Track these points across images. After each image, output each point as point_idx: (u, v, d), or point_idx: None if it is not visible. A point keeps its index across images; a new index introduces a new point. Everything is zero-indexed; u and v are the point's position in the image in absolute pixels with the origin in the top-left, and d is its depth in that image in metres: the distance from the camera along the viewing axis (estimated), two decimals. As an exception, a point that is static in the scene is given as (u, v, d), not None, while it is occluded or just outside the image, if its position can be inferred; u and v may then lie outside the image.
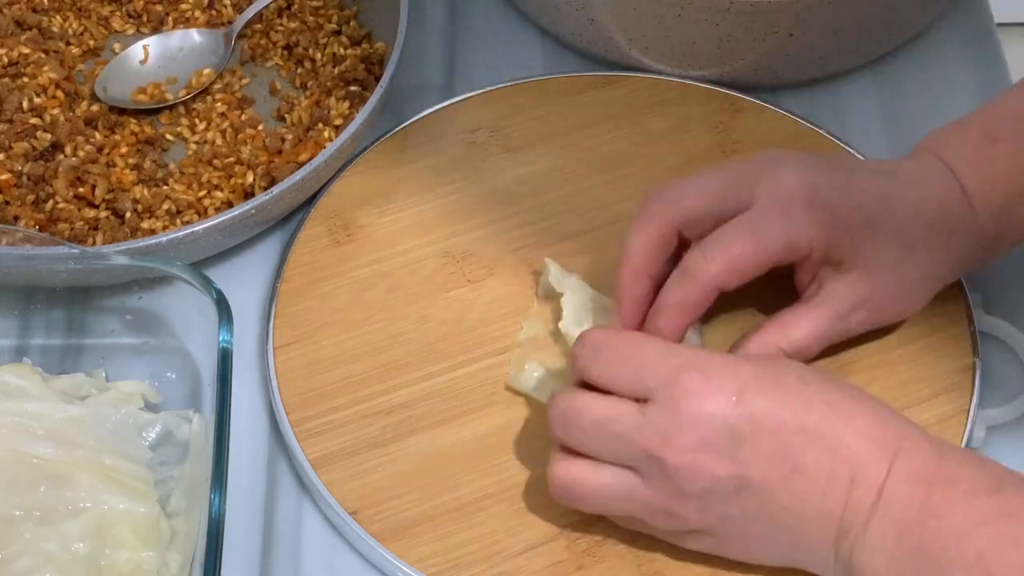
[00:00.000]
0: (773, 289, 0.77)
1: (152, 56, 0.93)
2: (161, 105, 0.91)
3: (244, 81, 0.92)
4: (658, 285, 0.75)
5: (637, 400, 0.67)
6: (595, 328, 0.73)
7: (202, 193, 0.85)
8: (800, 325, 0.75)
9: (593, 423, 0.68)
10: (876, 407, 0.68)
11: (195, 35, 0.94)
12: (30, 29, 0.93)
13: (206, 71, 0.92)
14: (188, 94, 0.91)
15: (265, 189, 0.83)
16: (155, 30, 0.96)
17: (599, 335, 0.71)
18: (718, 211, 0.74)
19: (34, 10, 0.95)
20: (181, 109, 0.91)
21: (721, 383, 0.67)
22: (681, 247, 0.76)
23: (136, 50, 0.93)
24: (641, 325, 0.75)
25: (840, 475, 0.65)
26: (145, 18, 0.96)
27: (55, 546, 0.68)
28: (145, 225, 0.84)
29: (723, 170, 0.76)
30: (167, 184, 0.86)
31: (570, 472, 0.69)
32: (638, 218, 0.75)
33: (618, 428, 0.67)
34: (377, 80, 0.87)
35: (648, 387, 0.67)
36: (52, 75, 0.90)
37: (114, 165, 0.86)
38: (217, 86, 0.92)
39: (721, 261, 0.73)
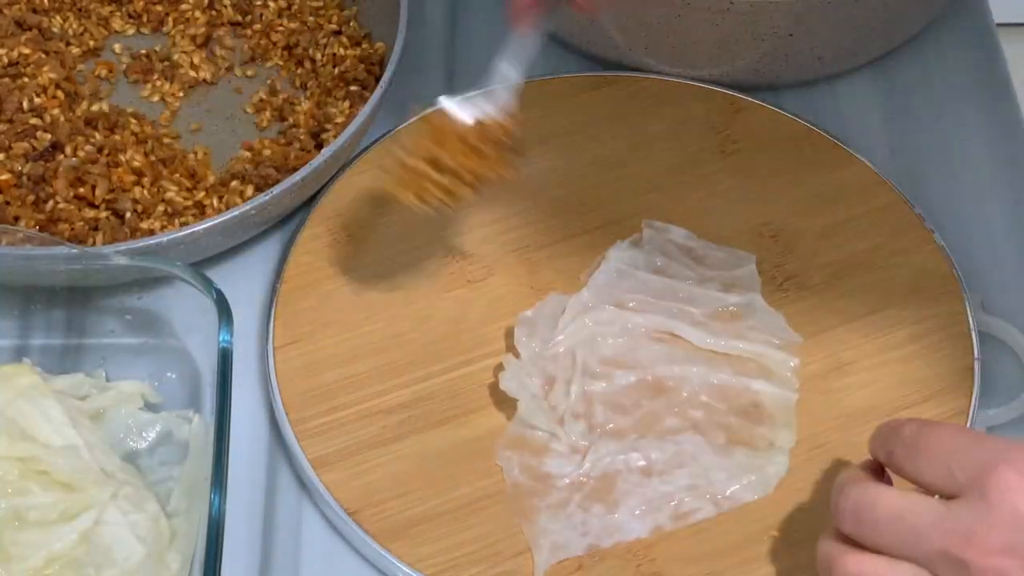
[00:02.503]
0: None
1: None
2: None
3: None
4: None
5: (942, 497, 0.62)
6: (905, 420, 0.66)
7: (201, 194, 0.86)
8: None
9: (889, 516, 0.62)
10: None
11: None
12: (30, 29, 0.93)
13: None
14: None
15: (263, 190, 0.83)
16: (155, 30, 0.96)
17: (911, 424, 0.65)
18: None
19: (34, 10, 0.95)
20: (166, 86, 0.93)
21: None
22: None
23: None
24: None
25: None
26: (145, 18, 0.96)
27: (54, 548, 0.68)
28: (145, 225, 0.84)
29: None
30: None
31: (862, 566, 0.63)
32: None
33: (917, 522, 0.61)
34: (377, 80, 0.87)
35: (957, 481, 0.61)
36: (52, 75, 0.90)
37: (116, 165, 0.86)
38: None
39: None
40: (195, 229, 0.79)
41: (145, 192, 0.85)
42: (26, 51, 0.91)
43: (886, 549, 0.62)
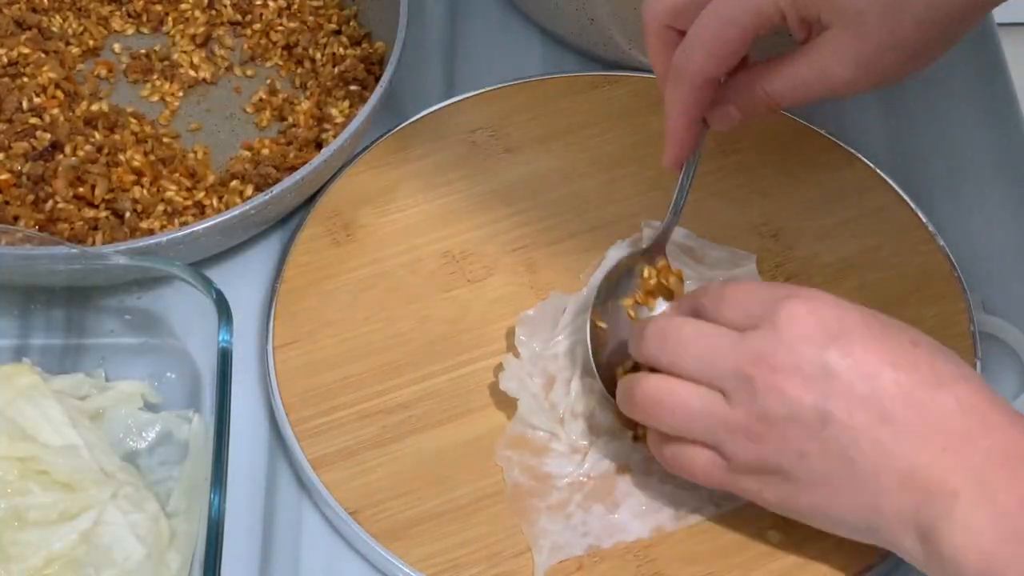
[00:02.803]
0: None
1: None
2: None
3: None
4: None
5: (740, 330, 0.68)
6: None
7: (201, 194, 0.86)
8: (782, 71, 0.74)
9: (692, 336, 0.68)
10: (984, 386, 0.66)
11: None
12: (30, 29, 0.93)
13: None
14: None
15: (263, 190, 0.83)
16: (155, 30, 0.96)
17: (712, 285, 0.72)
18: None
19: (34, 10, 0.95)
20: (166, 86, 0.93)
21: (826, 320, 0.66)
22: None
23: None
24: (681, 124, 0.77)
25: (932, 439, 0.64)
26: (145, 18, 0.96)
27: (54, 548, 0.68)
28: (144, 225, 0.84)
29: None
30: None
31: (659, 384, 0.69)
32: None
33: (715, 343, 0.68)
34: (377, 80, 0.87)
35: (752, 315, 0.68)
36: (52, 75, 0.90)
37: (116, 164, 0.86)
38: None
39: (700, 51, 0.73)
40: (195, 229, 0.79)
41: (145, 192, 0.85)
42: (26, 51, 0.91)
43: (683, 369, 0.68)
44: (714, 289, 0.71)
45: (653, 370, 0.71)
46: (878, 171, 0.88)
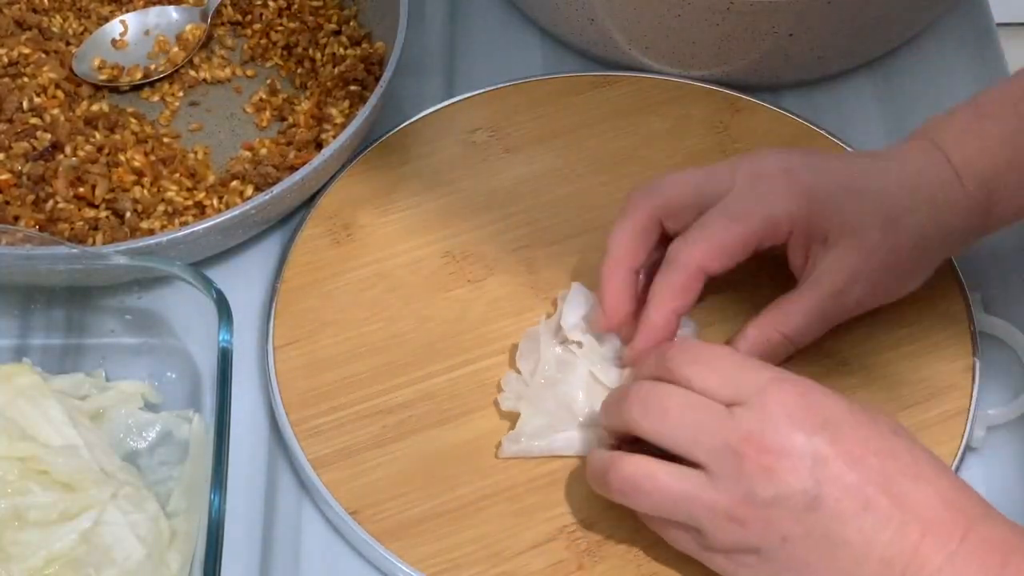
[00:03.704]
0: (774, 287, 0.77)
1: (129, 33, 0.94)
2: (144, 81, 0.92)
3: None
4: (645, 279, 0.76)
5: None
6: (688, 340, 0.74)
7: (201, 194, 0.86)
8: (797, 307, 0.75)
9: (680, 407, 0.67)
10: (959, 481, 0.66)
11: (172, 12, 0.95)
12: (30, 29, 0.93)
13: (174, 49, 0.94)
14: (164, 71, 0.93)
15: (263, 190, 0.83)
16: (155, 30, 0.96)
17: (691, 344, 0.72)
18: (697, 200, 0.75)
19: (34, 10, 0.95)
20: (165, 86, 0.93)
21: (815, 406, 0.66)
22: (668, 241, 0.76)
23: (114, 26, 0.94)
24: (625, 318, 0.75)
25: (911, 527, 0.64)
26: (145, 18, 0.96)
27: (54, 548, 0.68)
28: (145, 225, 0.84)
29: (703, 166, 0.77)
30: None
31: (638, 466, 0.68)
32: (620, 212, 0.76)
33: (702, 416, 0.66)
34: (377, 80, 0.87)
35: (739, 390, 0.67)
36: (52, 75, 0.90)
37: (116, 165, 0.86)
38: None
39: (703, 244, 0.73)
40: (195, 229, 0.79)
41: (145, 192, 0.85)
42: (26, 51, 0.91)
43: (666, 439, 0.67)
44: (689, 350, 0.70)
45: (629, 441, 0.70)
46: (878, 171, 0.88)
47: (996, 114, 0.77)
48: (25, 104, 0.88)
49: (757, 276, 0.78)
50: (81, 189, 0.84)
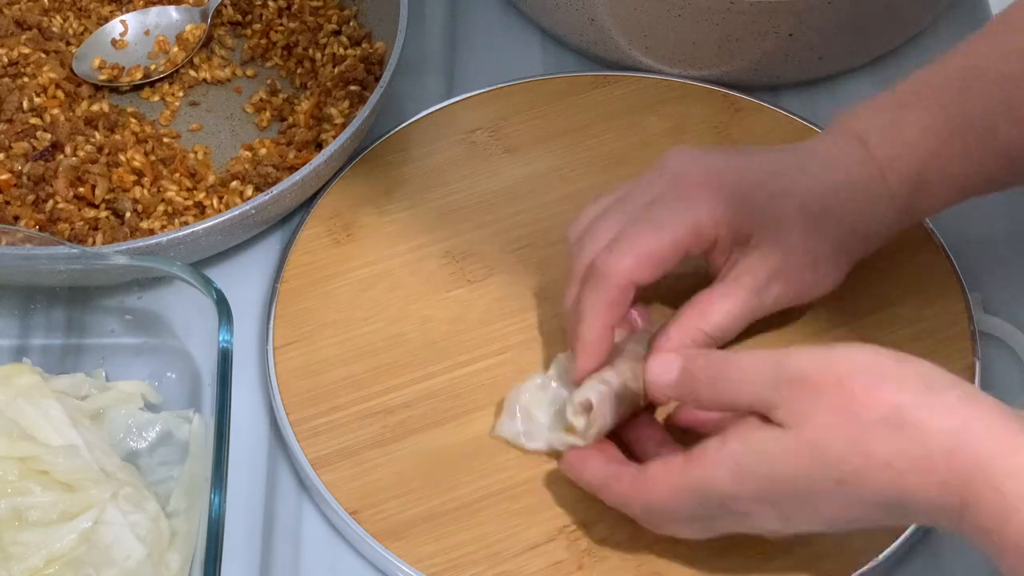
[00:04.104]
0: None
1: (129, 33, 0.94)
2: (144, 82, 0.92)
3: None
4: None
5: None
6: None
7: (201, 194, 0.86)
8: (718, 306, 0.74)
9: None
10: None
11: (172, 12, 0.95)
12: (30, 29, 0.93)
13: (174, 49, 0.94)
14: (164, 72, 0.93)
15: (263, 190, 0.83)
16: (155, 30, 0.96)
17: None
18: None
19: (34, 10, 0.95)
20: (165, 86, 0.93)
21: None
22: None
23: (114, 26, 0.94)
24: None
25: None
26: (145, 18, 0.97)
27: (54, 548, 0.68)
28: (145, 225, 0.84)
29: (619, 196, 0.76)
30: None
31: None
32: (578, 296, 0.74)
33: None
34: (377, 80, 0.87)
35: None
36: (52, 75, 0.90)
37: (116, 165, 0.86)
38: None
39: (630, 256, 0.72)
40: (195, 229, 0.79)
41: (145, 192, 0.85)
42: (26, 51, 0.91)
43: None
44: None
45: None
46: (878, 171, 0.88)
47: (918, 104, 0.76)
48: (25, 104, 0.88)
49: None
50: (81, 189, 0.84)
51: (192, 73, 0.94)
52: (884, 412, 0.62)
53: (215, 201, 0.85)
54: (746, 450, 0.65)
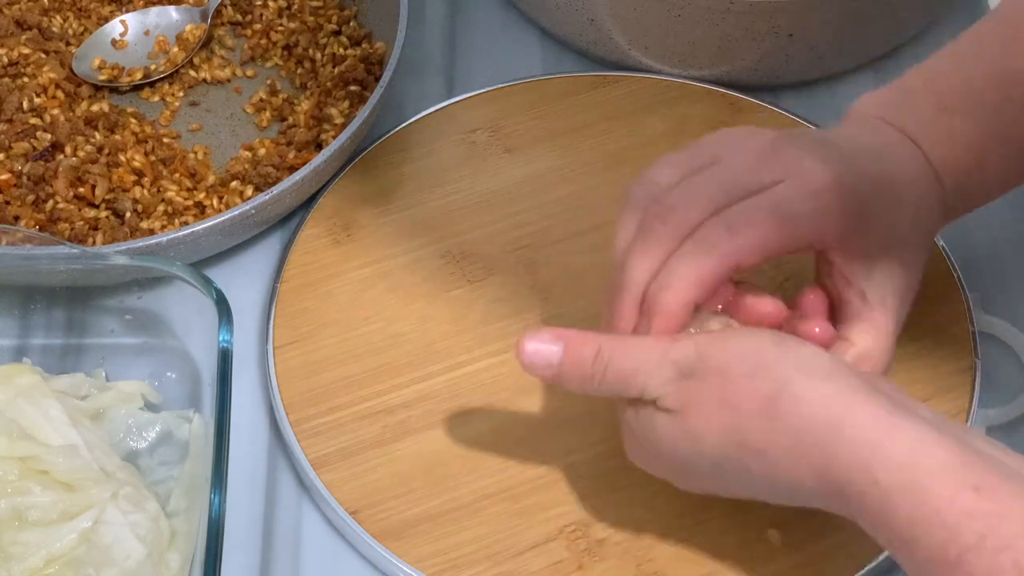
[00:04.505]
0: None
1: (129, 33, 0.95)
2: (144, 82, 0.93)
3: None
4: None
5: None
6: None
7: (201, 194, 0.86)
8: (864, 330, 0.70)
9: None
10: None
11: (172, 12, 0.95)
12: (30, 29, 0.93)
13: (174, 49, 0.94)
14: (164, 72, 0.93)
15: (263, 190, 0.83)
16: (155, 30, 0.96)
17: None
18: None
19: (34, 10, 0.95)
20: (165, 86, 0.93)
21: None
22: None
23: (114, 26, 0.94)
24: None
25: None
26: (145, 18, 0.97)
27: (54, 548, 0.68)
28: (145, 225, 0.84)
29: (709, 169, 0.71)
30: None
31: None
32: (633, 236, 0.70)
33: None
34: (377, 80, 0.87)
35: None
36: (52, 75, 0.90)
37: (116, 165, 0.86)
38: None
39: (750, 236, 0.68)
40: (195, 229, 0.79)
41: (145, 192, 0.85)
42: (26, 51, 0.91)
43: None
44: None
45: None
46: (878, 171, 0.88)
47: (962, 110, 0.74)
48: (25, 104, 0.88)
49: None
50: (81, 189, 0.84)
51: (192, 73, 0.94)
52: (758, 405, 0.62)
53: (215, 201, 0.85)
54: (637, 418, 0.67)
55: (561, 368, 0.67)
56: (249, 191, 0.85)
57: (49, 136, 0.87)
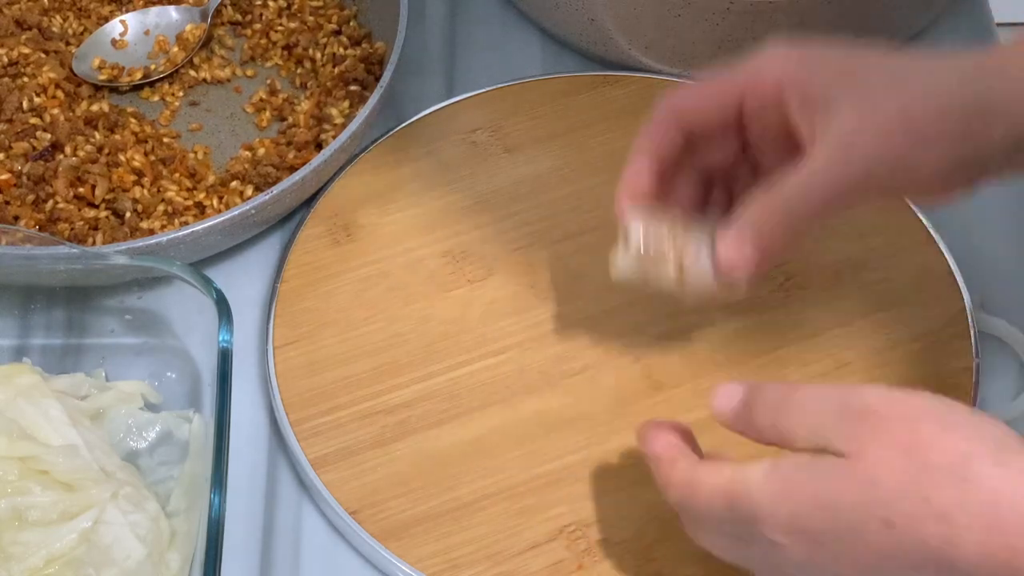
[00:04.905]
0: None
1: (129, 33, 0.95)
2: (144, 81, 0.93)
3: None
4: (664, 176, 0.73)
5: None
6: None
7: (201, 194, 0.86)
8: (801, 174, 0.67)
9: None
10: None
11: (172, 12, 0.95)
12: (30, 29, 0.93)
13: (174, 49, 0.94)
14: (164, 72, 0.93)
15: (263, 190, 0.83)
16: (155, 30, 0.96)
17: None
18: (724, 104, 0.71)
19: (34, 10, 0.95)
20: (165, 86, 0.93)
21: None
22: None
23: (114, 26, 0.94)
24: (643, 193, 0.72)
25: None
26: (145, 18, 0.97)
27: (54, 548, 0.68)
28: (145, 225, 0.84)
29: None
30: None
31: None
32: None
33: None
34: (377, 80, 0.87)
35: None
36: (52, 75, 0.90)
37: (116, 165, 0.86)
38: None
39: (682, 91, 0.72)
40: (195, 229, 0.79)
41: (145, 192, 0.85)
42: (26, 51, 0.91)
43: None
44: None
45: None
46: (878, 171, 0.88)
47: None
48: (25, 104, 0.88)
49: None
50: (81, 189, 0.84)
51: (192, 73, 0.94)
52: (951, 459, 0.57)
53: (215, 201, 0.85)
54: (797, 468, 0.60)
55: (739, 410, 0.64)
56: (249, 191, 0.85)
57: (49, 136, 0.87)
